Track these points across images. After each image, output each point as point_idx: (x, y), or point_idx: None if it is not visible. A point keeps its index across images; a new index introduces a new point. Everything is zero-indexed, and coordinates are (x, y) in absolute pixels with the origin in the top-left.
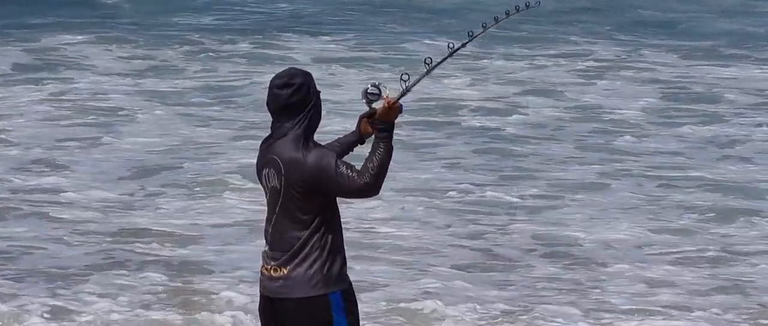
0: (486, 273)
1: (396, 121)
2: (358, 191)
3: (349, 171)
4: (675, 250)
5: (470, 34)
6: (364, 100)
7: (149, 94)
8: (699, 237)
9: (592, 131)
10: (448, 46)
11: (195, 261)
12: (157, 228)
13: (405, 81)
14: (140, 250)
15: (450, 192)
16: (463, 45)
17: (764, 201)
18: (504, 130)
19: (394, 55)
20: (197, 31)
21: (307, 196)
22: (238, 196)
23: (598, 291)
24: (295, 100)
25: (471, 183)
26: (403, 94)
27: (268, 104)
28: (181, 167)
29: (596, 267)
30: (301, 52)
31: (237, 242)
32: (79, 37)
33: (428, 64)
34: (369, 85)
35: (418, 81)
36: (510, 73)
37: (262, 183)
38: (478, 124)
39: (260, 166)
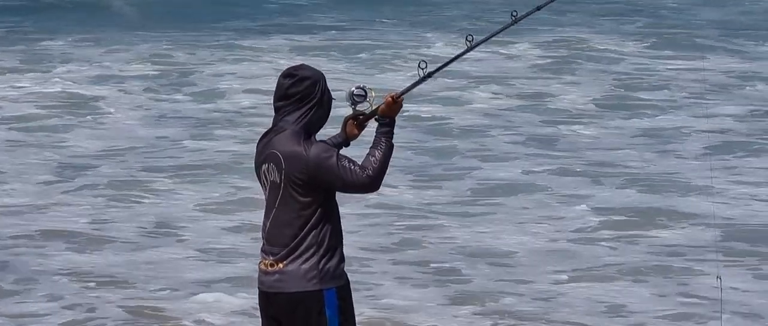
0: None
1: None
2: (360, 185)
3: (351, 165)
4: (589, 254)
5: (469, 39)
6: (349, 103)
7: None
8: (610, 241)
9: (539, 123)
10: (468, 41)
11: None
12: (67, 229)
13: (423, 68)
14: (46, 252)
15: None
16: (472, 47)
17: (688, 199)
18: (447, 121)
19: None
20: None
21: (308, 190)
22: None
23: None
24: (294, 92)
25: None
26: (407, 90)
27: (274, 95)
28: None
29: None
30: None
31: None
32: None
33: (423, 69)
34: (354, 88)
35: (419, 83)
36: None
37: (260, 180)
38: (425, 115)
39: (259, 162)
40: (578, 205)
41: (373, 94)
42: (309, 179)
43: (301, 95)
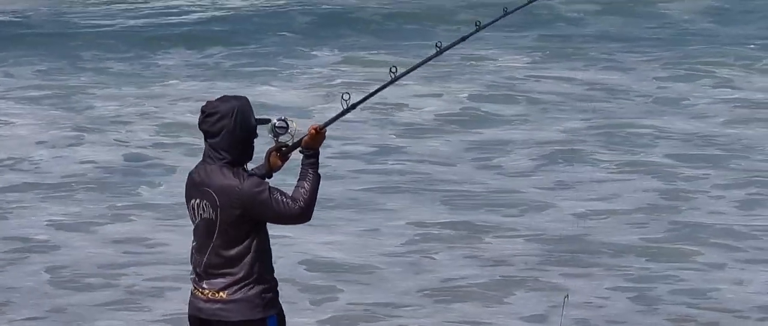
0: None
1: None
2: (292, 217)
3: (283, 197)
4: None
5: (393, 71)
6: (271, 135)
7: None
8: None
9: (389, 135)
10: (392, 72)
11: None
12: None
13: (346, 100)
14: None
15: None
16: (398, 76)
17: (520, 212)
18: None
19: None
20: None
21: (243, 223)
22: None
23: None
24: (222, 127)
25: None
26: (331, 121)
27: (199, 128)
28: None
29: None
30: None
31: None
32: None
33: (347, 100)
34: (276, 120)
35: (343, 114)
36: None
37: (190, 212)
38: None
39: (190, 195)
40: (397, 220)
41: (295, 125)
42: (243, 212)
43: (218, 129)
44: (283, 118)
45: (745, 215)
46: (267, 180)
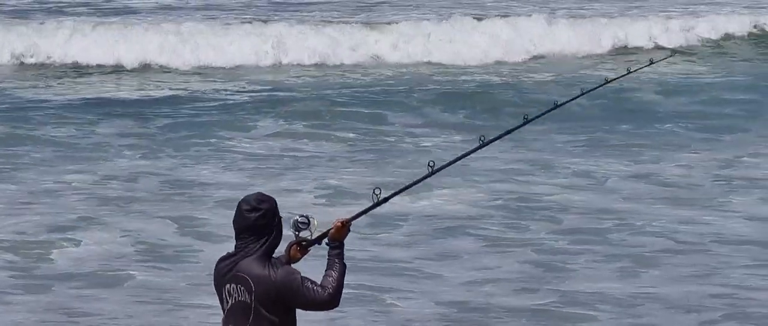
0: None
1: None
2: (321, 304)
3: (313, 285)
4: None
5: (431, 165)
6: (292, 230)
7: None
8: None
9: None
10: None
11: None
12: None
13: (377, 194)
14: None
15: None
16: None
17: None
18: None
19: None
20: None
21: (276, 307)
22: None
23: None
24: (261, 223)
25: None
26: (357, 216)
27: (235, 223)
28: None
29: None
30: None
31: None
32: None
33: (377, 195)
34: (298, 216)
35: (372, 209)
36: None
37: (222, 296)
38: None
39: (223, 281)
40: None
41: (315, 222)
42: (276, 299)
43: (263, 225)
44: (305, 214)
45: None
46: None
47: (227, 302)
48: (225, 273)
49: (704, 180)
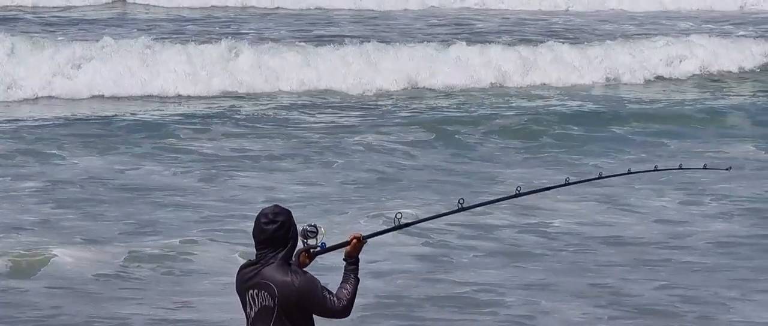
0: None
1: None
2: (336, 313)
3: (330, 295)
4: None
5: (461, 202)
6: (301, 238)
7: None
8: None
9: None
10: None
11: None
12: None
13: (398, 218)
14: None
15: None
16: (451, 213)
17: None
18: None
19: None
20: None
21: (296, 312)
22: None
23: None
24: (280, 235)
25: None
26: (374, 235)
27: (254, 235)
28: None
29: None
30: None
31: None
32: None
33: (398, 219)
34: (306, 225)
35: (390, 231)
36: None
37: (245, 300)
38: None
39: (246, 287)
40: None
41: (323, 231)
42: (297, 303)
43: (281, 236)
44: (313, 223)
45: None
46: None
47: (251, 307)
48: (247, 279)
49: None
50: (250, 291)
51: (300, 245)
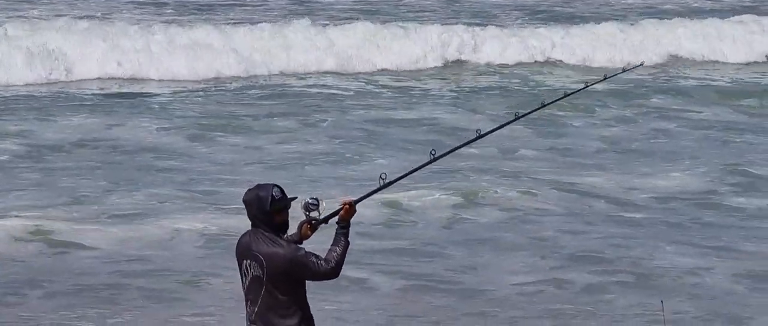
0: None
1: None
2: (325, 275)
3: (317, 259)
4: None
5: (432, 152)
6: (303, 210)
7: None
8: None
9: None
10: (381, 178)
11: None
12: None
13: (383, 178)
14: None
15: None
16: (427, 164)
17: None
18: None
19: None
20: None
21: (286, 280)
22: None
23: None
24: (253, 214)
25: None
26: (363, 198)
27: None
28: None
29: None
30: None
31: None
32: None
33: (383, 179)
34: (308, 198)
35: (376, 191)
36: None
37: (241, 269)
38: None
39: (242, 258)
40: None
41: (324, 204)
42: (285, 272)
43: (254, 214)
44: (315, 197)
45: None
46: (301, 245)
47: (246, 276)
48: (243, 250)
49: None
50: (245, 262)
51: (285, 217)
